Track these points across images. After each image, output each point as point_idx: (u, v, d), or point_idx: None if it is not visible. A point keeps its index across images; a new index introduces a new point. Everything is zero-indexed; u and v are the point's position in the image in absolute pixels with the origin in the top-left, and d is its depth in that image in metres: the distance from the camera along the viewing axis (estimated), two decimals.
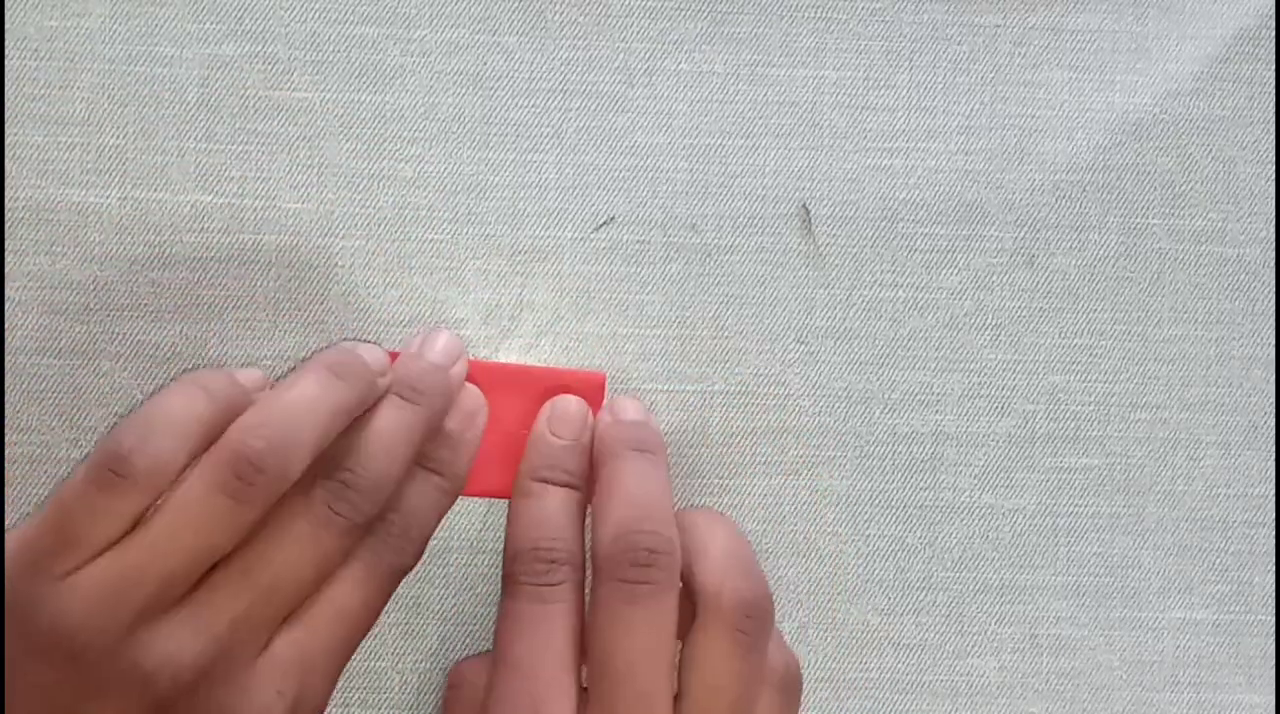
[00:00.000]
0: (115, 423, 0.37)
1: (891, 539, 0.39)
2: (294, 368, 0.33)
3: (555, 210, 0.38)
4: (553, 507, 0.33)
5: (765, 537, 0.38)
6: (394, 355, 0.34)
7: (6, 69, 0.37)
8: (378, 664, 0.37)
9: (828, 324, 0.39)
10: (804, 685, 0.32)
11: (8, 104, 0.37)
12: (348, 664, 0.31)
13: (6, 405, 0.36)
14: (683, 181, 0.38)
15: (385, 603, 0.32)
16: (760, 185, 0.39)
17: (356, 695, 0.37)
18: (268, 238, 0.37)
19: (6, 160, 0.37)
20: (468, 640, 0.38)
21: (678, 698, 0.31)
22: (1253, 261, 0.40)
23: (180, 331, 0.37)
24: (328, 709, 0.37)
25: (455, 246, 0.38)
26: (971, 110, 0.39)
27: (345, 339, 0.37)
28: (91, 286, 0.37)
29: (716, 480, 0.38)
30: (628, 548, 0.31)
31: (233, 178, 0.37)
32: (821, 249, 0.39)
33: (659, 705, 0.30)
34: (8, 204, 0.37)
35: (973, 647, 0.39)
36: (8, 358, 0.36)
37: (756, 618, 0.31)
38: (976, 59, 0.39)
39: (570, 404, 0.35)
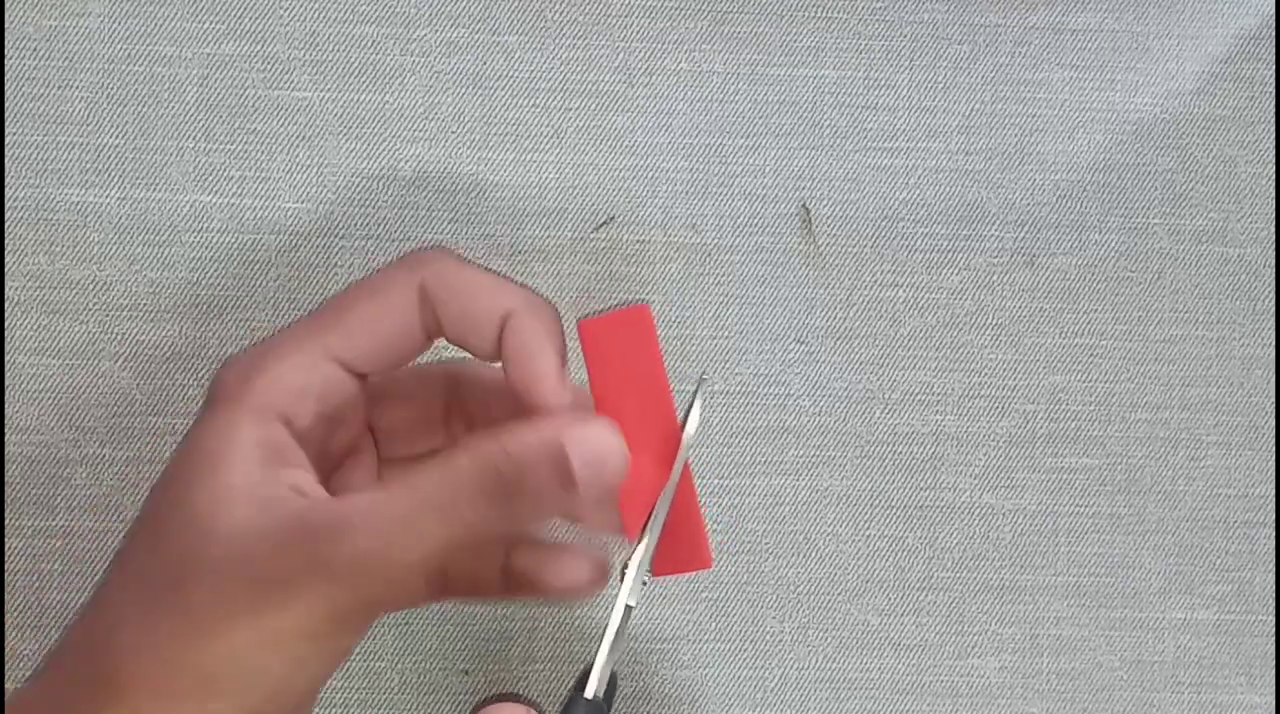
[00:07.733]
0: (115, 423, 0.37)
1: (891, 539, 0.39)
2: None
3: (555, 210, 0.38)
4: None
5: (765, 537, 0.38)
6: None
7: (6, 69, 0.37)
8: (378, 664, 0.37)
9: (828, 324, 0.39)
10: (804, 685, 0.32)
11: (8, 104, 0.37)
12: (347, 664, 0.31)
13: (6, 405, 0.36)
14: (683, 181, 0.38)
15: None
16: (760, 185, 0.38)
17: (356, 695, 0.37)
18: (268, 238, 0.37)
19: (6, 160, 0.37)
20: (467, 641, 0.38)
21: None
22: (1253, 261, 0.40)
23: (180, 331, 0.37)
24: (327, 710, 0.37)
25: (455, 247, 0.38)
26: (971, 110, 0.39)
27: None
28: (91, 286, 0.37)
29: (716, 480, 0.38)
30: None
31: (232, 177, 0.37)
32: (821, 249, 0.39)
33: None
34: (8, 204, 0.37)
35: (973, 647, 0.39)
36: (8, 358, 0.36)
37: None
38: (976, 59, 0.39)
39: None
